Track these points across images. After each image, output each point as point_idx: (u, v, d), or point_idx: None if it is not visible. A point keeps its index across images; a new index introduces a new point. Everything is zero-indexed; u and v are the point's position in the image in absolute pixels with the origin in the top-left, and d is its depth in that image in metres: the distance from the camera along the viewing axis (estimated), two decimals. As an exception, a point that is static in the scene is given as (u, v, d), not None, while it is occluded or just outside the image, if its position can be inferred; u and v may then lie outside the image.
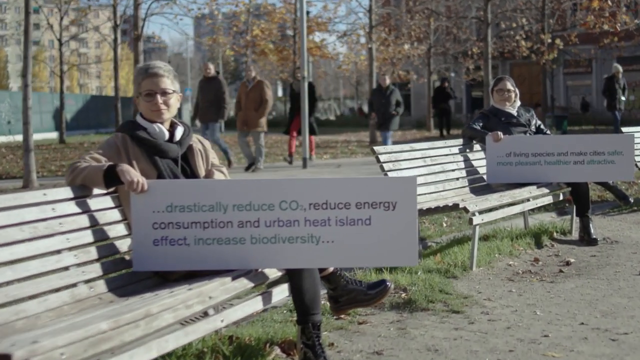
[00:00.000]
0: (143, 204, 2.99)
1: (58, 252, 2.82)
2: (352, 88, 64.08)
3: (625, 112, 16.85)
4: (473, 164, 6.01)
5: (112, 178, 3.00)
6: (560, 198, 6.06)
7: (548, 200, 5.90)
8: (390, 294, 4.09)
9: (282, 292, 3.12)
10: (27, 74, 10.90)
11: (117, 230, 3.12)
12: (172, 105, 3.29)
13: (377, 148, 5.24)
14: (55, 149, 19.62)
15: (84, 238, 2.95)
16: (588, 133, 20.02)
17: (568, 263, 5.16)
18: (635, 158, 6.36)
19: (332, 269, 3.39)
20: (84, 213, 2.99)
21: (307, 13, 25.59)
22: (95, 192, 3.10)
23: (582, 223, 5.91)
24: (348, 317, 3.81)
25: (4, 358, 1.93)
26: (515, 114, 6.13)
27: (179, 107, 3.43)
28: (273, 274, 3.09)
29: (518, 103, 6.21)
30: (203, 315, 2.80)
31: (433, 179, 5.57)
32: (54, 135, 27.38)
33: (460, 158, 5.94)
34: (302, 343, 3.14)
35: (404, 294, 4.22)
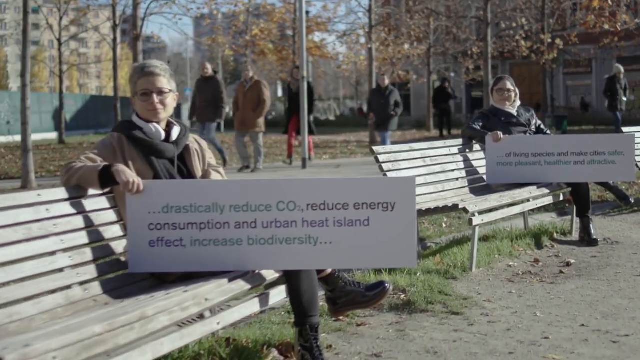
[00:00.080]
0: (139, 205, 2.96)
1: (52, 253, 2.79)
2: (352, 88, 64.08)
3: (625, 112, 16.77)
4: (473, 164, 5.98)
5: (107, 178, 2.97)
6: (561, 198, 6.03)
7: (548, 201, 5.86)
8: (389, 295, 4.06)
9: (279, 293, 3.09)
10: (25, 74, 10.88)
11: (112, 232, 3.09)
12: (168, 105, 3.26)
13: (376, 148, 5.21)
14: (55, 149, 19.59)
15: (79, 239, 2.92)
16: (588, 133, 19.98)
17: (568, 264, 5.13)
18: (636, 158, 6.33)
19: (330, 271, 3.35)
20: (79, 214, 2.96)
21: (306, 13, 25.59)
22: (91, 192, 3.06)
23: (582, 223, 5.88)
24: (346, 318, 3.77)
25: (-4, 362, 1.90)
26: (515, 114, 6.10)
27: (179, 107, 3.40)
28: (270, 276, 3.05)
29: (518, 103, 6.18)
30: (199, 318, 2.77)
31: (432, 179, 5.54)
32: (54, 136, 27.34)
33: (460, 158, 5.91)
34: (299, 345, 3.11)
35: (403, 295, 4.18)
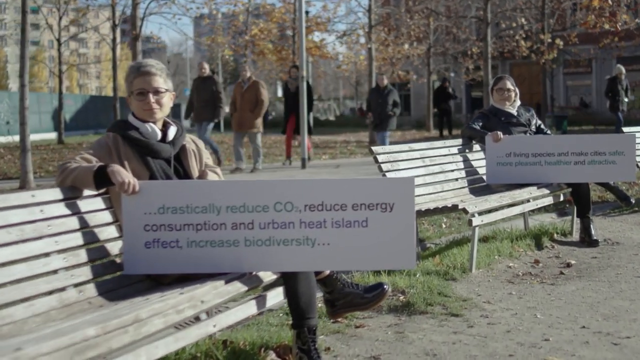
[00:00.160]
0: (134, 206, 2.92)
1: (46, 255, 2.75)
2: (351, 88, 64.04)
3: (626, 112, 16.69)
4: (472, 165, 5.94)
5: (102, 179, 2.93)
6: (561, 199, 5.99)
7: (548, 201, 5.83)
8: (388, 297, 4.03)
9: (276, 295, 3.05)
10: (24, 74, 10.83)
11: (107, 233, 3.05)
12: (164, 105, 3.22)
13: (375, 148, 5.17)
14: (54, 150, 19.56)
15: (74, 240, 2.88)
16: (588, 133, 19.93)
17: (569, 265, 5.09)
18: (637, 158, 6.29)
19: (328, 272, 3.31)
20: (74, 215, 2.92)
21: (306, 13, 25.56)
22: (86, 193, 3.03)
23: (582, 224, 5.84)
24: (345, 320, 3.74)
25: (-15, 366, 1.86)
26: (515, 114, 6.06)
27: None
28: (267, 277, 3.01)
29: (518, 102, 6.14)
30: (195, 320, 2.73)
31: (432, 180, 5.50)
32: (53, 136, 27.29)
33: (460, 158, 5.87)
34: (297, 348, 3.07)
35: (402, 297, 4.15)
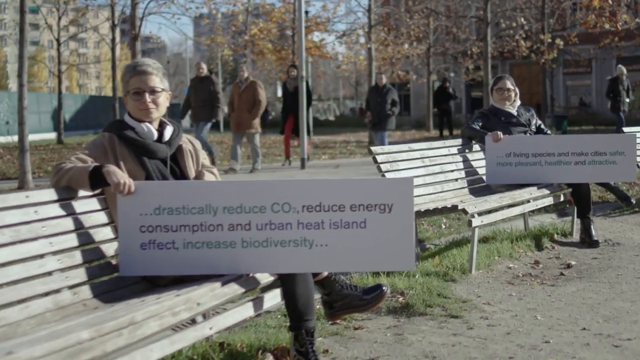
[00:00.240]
0: (130, 207, 2.89)
1: (41, 256, 2.72)
2: (351, 88, 64.02)
3: (627, 112, 16.64)
4: (472, 165, 5.91)
5: (98, 179, 2.90)
6: (561, 199, 5.96)
7: (548, 202, 5.79)
8: (388, 298, 4.00)
9: (274, 297, 3.01)
10: (22, 74, 10.79)
11: (103, 234, 3.02)
12: (161, 104, 3.18)
13: (374, 148, 5.14)
14: (53, 150, 19.54)
15: (69, 242, 2.84)
16: (588, 133, 19.88)
17: (569, 266, 5.06)
18: (637, 158, 6.26)
19: (326, 274, 3.28)
20: (69, 216, 2.89)
21: (306, 13, 25.52)
22: (81, 194, 2.99)
23: (583, 224, 5.81)
24: (343, 322, 3.71)
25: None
26: (515, 114, 6.03)
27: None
28: (265, 279, 2.98)
29: (518, 102, 6.11)
30: (191, 322, 2.70)
31: (431, 180, 5.47)
32: (53, 136, 27.26)
33: (459, 158, 5.84)
34: (295, 350, 3.04)
35: (401, 298, 4.12)
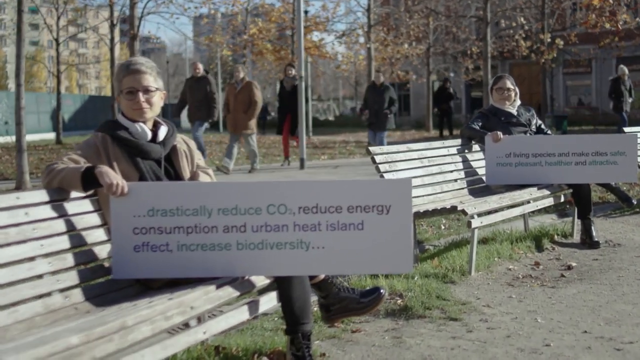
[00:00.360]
0: (123, 208, 2.83)
1: (31, 259, 2.66)
2: (351, 88, 63.97)
3: (629, 112, 16.57)
4: (472, 165, 5.85)
5: (90, 180, 2.85)
6: (562, 200, 5.90)
7: (549, 202, 5.74)
8: (386, 300, 3.94)
9: (269, 300, 2.96)
10: (20, 74, 10.76)
11: (95, 236, 2.96)
12: (155, 104, 3.13)
13: (372, 149, 5.08)
14: (52, 150, 19.48)
15: (60, 244, 2.79)
16: (588, 133, 19.82)
17: (569, 267, 5.00)
18: (638, 159, 6.20)
19: (323, 276, 3.23)
20: (60, 217, 2.83)
21: (305, 12, 25.48)
22: (73, 195, 2.94)
23: (583, 225, 5.75)
24: (341, 325, 3.65)
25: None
26: (515, 114, 5.98)
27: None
28: (260, 282, 2.92)
29: (518, 102, 6.05)
30: (184, 327, 2.65)
31: (430, 181, 5.41)
32: (52, 136, 27.18)
33: (459, 159, 5.78)
34: (291, 354, 2.99)
35: (400, 300, 4.06)
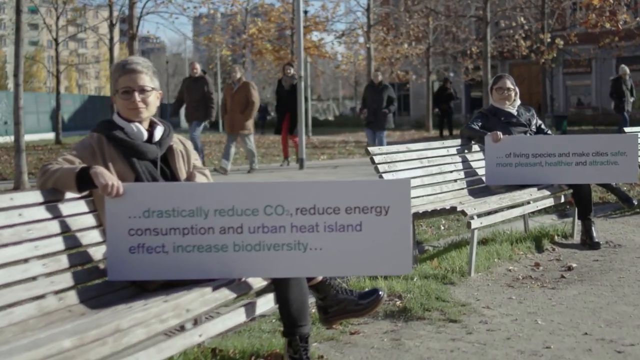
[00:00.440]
0: (118, 209, 2.80)
1: (25, 260, 2.63)
2: (351, 88, 63.91)
3: (630, 112, 16.53)
4: (471, 165, 5.82)
5: (85, 181, 2.81)
6: (562, 200, 5.87)
7: (549, 203, 5.71)
8: (385, 302, 3.91)
9: (267, 302, 2.93)
10: (18, 73, 10.72)
11: (90, 237, 2.93)
12: (151, 104, 3.10)
13: (371, 149, 5.05)
14: (51, 150, 19.45)
15: (55, 245, 2.76)
16: (588, 133, 19.78)
17: (570, 268, 4.97)
18: (639, 159, 6.17)
19: (320, 278, 3.20)
20: (55, 218, 2.80)
21: (305, 12, 25.45)
22: (68, 196, 2.90)
23: (584, 226, 5.72)
24: (339, 326, 3.61)
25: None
26: (515, 113, 5.94)
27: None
28: (257, 284, 2.89)
29: (518, 102, 6.02)
30: (180, 329, 2.61)
31: (430, 181, 5.38)
32: (51, 136, 27.15)
33: (458, 159, 5.75)
34: (289, 357, 2.96)
35: (399, 302, 4.03)
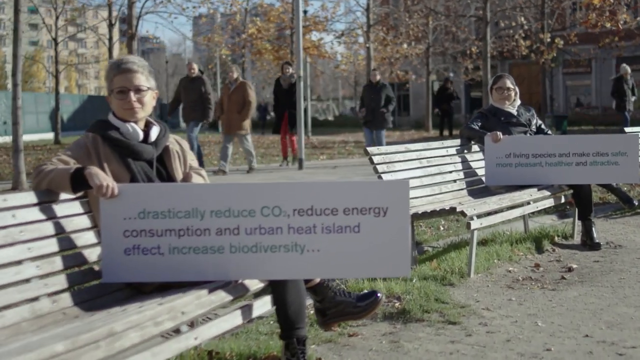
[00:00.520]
0: (113, 210, 2.76)
1: (18, 262, 2.59)
2: (350, 88, 63.83)
3: (632, 111, 16.48)
4: (471, 166, 5.78)
5: (80, 182, 2.78)
6: (562, 201, 5.83)
7: (549, 203, 5.67)
8: (383, 303, 3.88)
9: (263, 305, 2.89)
10: (16, 73, 10.68)
11: (85, 239, 2.89)
12: (146, 103, 3.06)
13: (370, 149, 5.01)
14: (50, 150, 19.41)
15: (48, 247, 2.72)
16: (588, 133, 19.74)
17: (570, 269, 4.93)
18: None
19: (318, 280, 3.16)
20: (49, 220, 2.76)
21: (304, 12, 25.42)
22: (63, 197, 2.87)
23: (584, 227, 5.68)
24: (338, 328, 3.58)
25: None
26: (515, 113, 5.91)
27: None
28: (254, 286, 2.86)
29: (518, 102, 5.98)
30: (175, 332, 2.58)
31: (429, 181, 5.34)
32: (51, 136, 27.13)
33: (458, 159, 5.71)
34: (286, 359, 2.92)
35: (398, 303, 3.99)
